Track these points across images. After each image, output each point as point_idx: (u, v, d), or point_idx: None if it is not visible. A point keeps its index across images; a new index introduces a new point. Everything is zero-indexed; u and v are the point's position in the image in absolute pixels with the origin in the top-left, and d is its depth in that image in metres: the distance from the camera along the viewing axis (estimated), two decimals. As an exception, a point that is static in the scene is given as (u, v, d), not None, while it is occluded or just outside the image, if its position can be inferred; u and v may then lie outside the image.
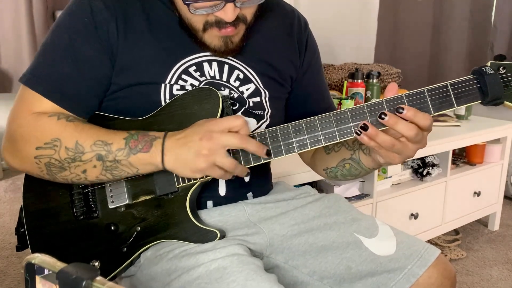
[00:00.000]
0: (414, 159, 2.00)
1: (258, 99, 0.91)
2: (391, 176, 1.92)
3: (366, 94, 2.00)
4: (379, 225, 0.93)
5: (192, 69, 0.85)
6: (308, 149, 0.79)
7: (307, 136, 0.79)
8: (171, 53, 0.84)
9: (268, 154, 0.78)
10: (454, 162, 2.18)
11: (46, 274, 0.39)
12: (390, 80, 2.21)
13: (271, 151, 0.79)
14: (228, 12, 0.76)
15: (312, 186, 1.38)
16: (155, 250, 0.85)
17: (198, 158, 0.74)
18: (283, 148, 0.79)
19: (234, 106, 0.88)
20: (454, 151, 2.13)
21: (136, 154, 0.76)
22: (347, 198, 1.75)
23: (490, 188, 2.27)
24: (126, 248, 0.84)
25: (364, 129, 0.74)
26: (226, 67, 0.88)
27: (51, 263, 0.39)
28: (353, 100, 1.84)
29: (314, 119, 0.79)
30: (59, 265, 0.38)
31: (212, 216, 0.88)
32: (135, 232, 0.84)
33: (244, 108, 0.89)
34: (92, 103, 0.84)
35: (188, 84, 0.85)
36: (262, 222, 0.91)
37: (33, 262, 0.39)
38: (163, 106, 0.83)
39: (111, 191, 0.85)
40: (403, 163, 1.98)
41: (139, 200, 0.84)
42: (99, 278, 0.37)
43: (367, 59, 3.12)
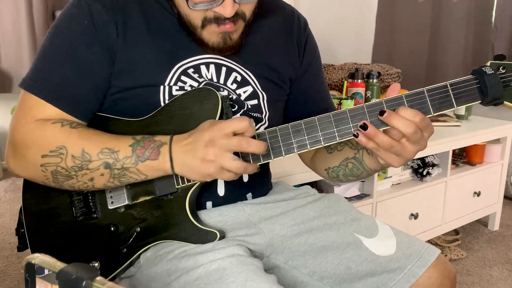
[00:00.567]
0: (414, 159, 2.00)
1: (255, 102, 0.91)
2: (391, 176, 1.92)
3: (366, 94, 2.00)
4: (379, 225, 0.93)
5: (190, 71, 0.85)
6: (307, 149, 0.79)
7: (306, 137, 0.79)
8: (170, 55, 0.84)
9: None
10: (454, 162, 2.18)
11: (46, 274, 0.39)
12: (390, 80, 2.21)
13: (271, 151, 0.79)
14: (227, 8, 0.75)
15: (312, 186, 1.38)
16: (155, 250, 0.85)
17: (205, 164, 0.74)
18: (282, 148, 0.79)
19: (233, 108, 0.88)
20: (454, 151, 2.13)
21: (144, 161, 0.76)
22: (347, 198, 1.75)
23: (490, 188, 2.27)
24: (125, 249, 0.84)
25: (363, 128, 0.74)
26: (224, 70, 0.88)
27: (51, 263, 0.39)
28: (353, 100, 1.84)
29: (314, 120, 0.78)
30: (59, 265, 0.38)
31: (211, 217, 0.88)
32: (135, 233, 0.84)
33: (243, 110, 0.89)
34: (94, 105, 0.84)
35: (187, 86, 0.85)
36: (262, 222, 0.90)
37: (33, 262, 0.39)
38: (162, 106, 0.83)
39: (110, 191, 0.85)
40: (403, 163, 1.98)
41: (138, 201, 0.84)
42: (99, 278, 0.37)
43: (367, 59, 3.12)
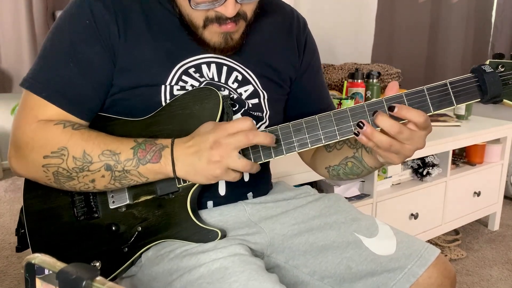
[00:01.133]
0: (414, 159, 2.00)
1: (256, 101, 0.91)
2: (391, 176, 1.92)
3: (366, 94, 2.00)
4: (379, 225, 0.93)
5: (191, 70, 0.85)
6: (308, 148, 0.79)
7: (307, 135, 0.79)
8: (171, 54, 0.84)
9: (277, 141, 0.78)
10: (454, 162, 2.18)
11: (46, 274, 0.39)
12: (390, 80, 2.21)
13: (272, 150, 0.79)
14: (229, 7, 0.76)
15: (312, 186, 1.38)
16: (156, 250, 0.85)
17: (211, 166, 0.74)
18: (283, 147, 0.79)
19: (233, 107, 0.88)
20: (454, 151, 2.13)
21: (145, 164, 0.77)
22: (347, 198, 1.75)
23: (490, 188, 2.27)
24: (127, 248, 0.84)
25: (360, 126, 0.74)
26: (225, 69, 0.88)
27: (51, 263, 0.39)
28: (353, 100, 1.84)
29: (315, 118, 0.79)
30: (59, 265, 0.38)
31: (212, 216, 0.88)
32: (136, 232, 0.84)
33: (244, 109, 0.89)
34: (95, 105, 0.84)
35: (188, 85, 0.85)
36: (262, 222, 0.91)
37: (33, 262, 0.39)
38: (163, 106, 0.83)
39: (111, 191, 0.85)
40: (403, 163, 1.98)
41: (140, 200, 0.84)
42: (99, 278, 0.37)
43: (367, 59, 3.12)
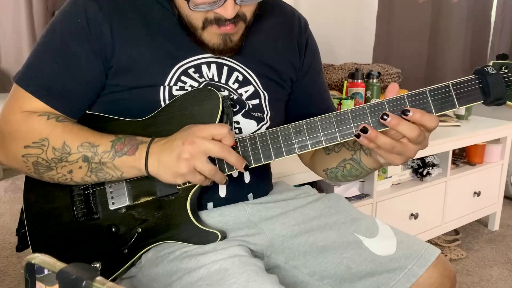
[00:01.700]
0: (414, 159, 2.00)
1: (257, 101, 0.91)
2: (391, 176, 1.91)
3: (366, 94, 2.00)
4: (379, 225, 0.93)
5: (191, 70, 0.85)
6: (309, 150, 0.79)
7: (308, 137, 0.79)
8: (170, 55, 0.84)
9: (246, 168, 0.78)
10: (454, 162, 2.18)
11: (46, 274, 0.39)
12: (390, 80, 2.21)
13: (272, 152, 0.79)
14: (228, 9, 0.75)
15: (312, 186, 1.38)
16: (156, 251, 0.84)
17: (180, 162, 0.74)
18: (283, 149, 0.79)
19: (234, 108, 0.88)
20: (454, 151, 2.13)
21: (121, 157, 0.77)
22: (347, 198, 1.75)
23: (490, 188, 2.27)
24: (127, 250, 0.84)
25: (364, 131, 0.74)
26: (225, 69, 0.88)
27: (51, 263, 0.39)
28: (353, 100, 1.84)
29: (315, 120, 0.78)
30: (59, 265, 0.38)
31: (212, 217, 0.88)
32: (136, 234, 0.84)
33: (244, 110, 0.89)
34: (81, 104, 0.84)
35: (187, 86, 0.85)
36: (262, 222, 0.90)
37: (33, 262, 0.39)
38: (162, 107, 0.83)
39: (111, 192, 0.85)
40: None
41: (139, 202, 0.84)
42: (99, 278, 0.37)
43: (367, 59, 3.12)
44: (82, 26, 0.80)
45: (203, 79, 0.86)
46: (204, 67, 0.86)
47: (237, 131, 0.88)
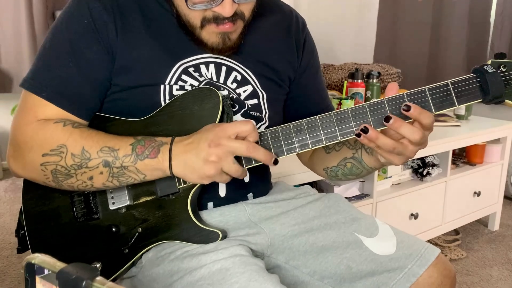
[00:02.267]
0: (414, 159, 2.00)
1: (255, 101, 0.91)
2: (391, 176, 1.91)
3: (366, 94, 2.00)
4: (379, 224, 0.93)
5: (191, 70, 0.85)
6: (309, 149, 0.79)
7: (308, 136, 0.79)
8: (170, 54, 0.84)
9: (275, 163, 0.77)
10: (454, 162, 2.18)
11: (46, 274, 0.39)
12: (390, 80, 2.21)
13: (273, 151, 0.79)
14: (226, 7, 0.75)
15: (312, 186, 1.38)
16: (157, 251, 0.84)
17: (207, 165, 0.74)
18: (284, 148, 0.79)
19: (233, 108, 0.88)
20: (454, 151, 2.13)
21: (143, 160, 0.76)
22: (347, 198, 1.75)
23: (490, 188, 2.27)
24: (127, 250, 0.84)
25: (364, 132, 0.74)
26: (224, 69, 0.88)
27: (51, 263, 0.39)
28: (353, 100, 1.84)
29: (315, 119, 0.78)
30: (59, 265, 0.38)
31: (213, 217, 0.88)
32: (137, 233, 0.84)
33: (243, 110, 0.89)
34: (95, 105, 0.84)
35: (187, 85, 0.85)
36: (263, 222, 0.90)
37: (33, 262, 0.39)
38: (163, 106, 0.83)
39: (111, 192, 0.85)
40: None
41: (140, 201, 0.84)
42: (99, 278, 0.37)
43: (367, 59, 3.12)
44: (90, 27, 0.80)
45: (203, 78, 0.86)
46: (203, 67, 0.86)
47: None
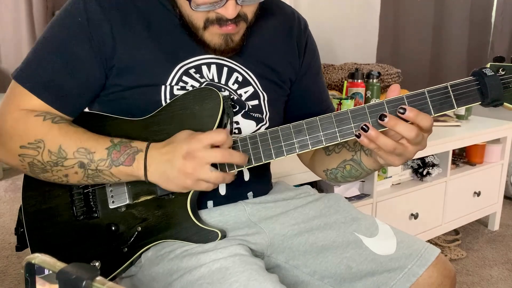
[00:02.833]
0: (414, 159, 2.00)
1: (256, 102, 0.91)
2: (391, 176, 1.92)
3: (366, 94, 2.00)
4: (379, 224, 0.93)
5: (192, 71, 0.85)
6: (309, 149, 0.79)
7: (308, 137, 0.79)
8: (171, 55, 0.84)
9: (248, 161, 0.79)
10: (454, 162, 2.18)
11: (46, 274, 0.39)
12: (390, 80, 2.21)
13: (272, 151, 0.80)
14: (229, 9, 0.76)
15: (312, 186, 1.38)
16: (156, 250, 0.85)
17: (183, 176, 0.75)
18: (284, 148, 0.79)
19: (234, 108, 0.88)
20: (454, 151, 2.13)
21: (118, 166, 0.77)
22: (347, 198, 1.75)
23: (490, 188, 2.27)
24: (126, 249, 0.84)
25: (364, 130, 0.74)
26: (225, 70, 0.88)
27: (51, 263, 0.39)
28: (353, 100, 1.84)
29: (315, 120, 0.79)
30: (59, 265, 0.38)
31: (212, 216, 0.88)
32: (136, 232, 0.84)
33: (244, 111, 0.89)
34: (79, 103, 0.84)
35: (188, 86, 0.85)
36: (262, 222, 0.91)
37: (33, 262, 0.39)
38: (163, 106, 0.83)
39: (111, 191, 0.85)
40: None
41: (139, 200, 0.84)
42: (99, 278, 0.37)
43: (368, 59, 3.12)
44: (83, 25, 0.80)
45: (204, 80, 0.86)
46: (204, 68, 0.86)
47: (236, 131, 0.88)
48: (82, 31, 0.80)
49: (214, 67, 0.87)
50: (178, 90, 0.84)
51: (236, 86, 0.89)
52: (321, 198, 0.98)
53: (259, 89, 0.91)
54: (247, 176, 0.92)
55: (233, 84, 0.88)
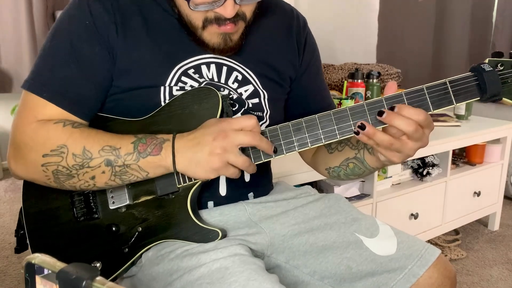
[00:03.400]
0: (414, 159, 2.00)
1: (257, 100, 0.91)
2: (391, 176, 1.92)
3: (366, 94, 2.00)
4: (379, 225, 0.93)
5: (191, 71, 0.85)
6: (308, 147, 0.79)
7: (307, 135, 0.79)
8: (170, 55, 0.84)
9: (275, 151, 0.79)
10: (454, 162, 2.18)
11: (46, 274, 0.39)
12: (390, 80, 2.21)
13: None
14: (228, 8, 0.76)
15: (312, 186, 1.38)
16: (157, 250, 0.84)
17: (212, 157, 0.74)
18: (283, 147, 0.79)
19: (233, 107, 0.88)
20: (454, 151, 2.13)
21: (146, 157, 0.76)
22: (347, 198, 1.75)
23: (490, 188, 2.27)
24: (127, 249, 0.84)
25: (361, 128, 0.74)
26: (225, 69, 0.88)
27: (51, 263, 0.39)
28: (353, 100, 1.84)
29: (314, 118, 0.79)
30: (59, 265, 0.38)
31: (212, 216, 0.88)
32: (136, 233, 0.84)
33: (244, 109, 0.89)
34: (95, 105, 0.84)
35: (187, 86, 0.85)
36: (263, 222, 0.91)
37: (33, 262, 0.39)
38: (162, 106, 0.83)
39: (111, 191, 0.85)
40: (403, 163, 1.98)
41: (140, 201, 0.84)
42: (99, 278, 0.37)
43: (368, 59, 3.12)
44: (91, 28, 0.80)
45: (203, 80, 0.86)
46: (204, 68, 0.86)
47: None
48: (91, 33, 0.80)
49: (213, 67, 0.87)
50: (177, 90, 0.84)
51: (236, 85, 0.89)
52: (321, 198, 0.98)
53: (259, 87, 0.91)
54: (247, 177, 0.92)
55: (233, 83, 0.89)
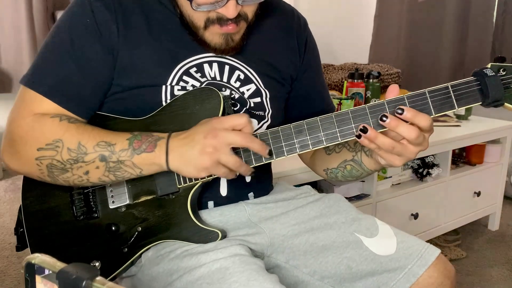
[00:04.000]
0: (414, 159, 2.00)
1: (259, 100, 0.91)
2: (391, 176, 1.91)
3: (366, 94, 2.00)
4: (379, 225, 0.93)
5: (192, 70, 0.85)
6: (309, 149, 0.79)
7: (308, 137, 0.79)
8: (172, 54, 0.84)
9: (270, 154, 0.78)
10: (454, 162, 2.18)
11: (46, 274, 0.39)
12: (390, 80, 2.21)
13: (273, 151, 0.79)
14: (230, 9, 0.76)
15: (312, 186, 1.37)
16: (156, 250, 0.85)
17: (203, 156, 0.74)
18: (284, 148, 0.79)
19: (235, 107, 0.88)
20: (454, 151, 2.13)
21: (140, 154, 0.76)
22: (347, 198, 1.74)
23: (490, 188, 2.27)
24: (127, 249, 0.84)
25: (363, 131, 0.74)
26: (227, 68, 0.88)
27: (51, 263, 0.39)
28: (353, 100, 1.84)
29: (316, 120, 0.79)
30: (59, 265, 0.38)
31: (213, 216, 0.88)
32: (136, 232, 0.84)
33: (245, 108, 0.89)
34: (94, 104, 0.84)
35: (189, 85, 0.85)
36: (262, 222, 0.91)
37: (33, 262, 0.39)
38: (163, 106, 0.83)
39: (111, 191, 0.85)
40: (403, 163, 1.98)
41: (140, 200, 0.84)
42: (99, 278, 0.37)
43: (368, 59, 3.12)
44: (92, 27, 0.80)
45: (205, 79, 0.86)
46: (206, 66, 0.86)
47: None
48: (92, 32, 0.80)
49: (215, 65, 0.87)
50: (178, 90, 0.84)
51: (238, 84, 0.89)
52: (321, 198, 0.98)
53: (261, 86, 0.91)
54: (248, 178, 0.92)
55: (235, 82, 0.89)
